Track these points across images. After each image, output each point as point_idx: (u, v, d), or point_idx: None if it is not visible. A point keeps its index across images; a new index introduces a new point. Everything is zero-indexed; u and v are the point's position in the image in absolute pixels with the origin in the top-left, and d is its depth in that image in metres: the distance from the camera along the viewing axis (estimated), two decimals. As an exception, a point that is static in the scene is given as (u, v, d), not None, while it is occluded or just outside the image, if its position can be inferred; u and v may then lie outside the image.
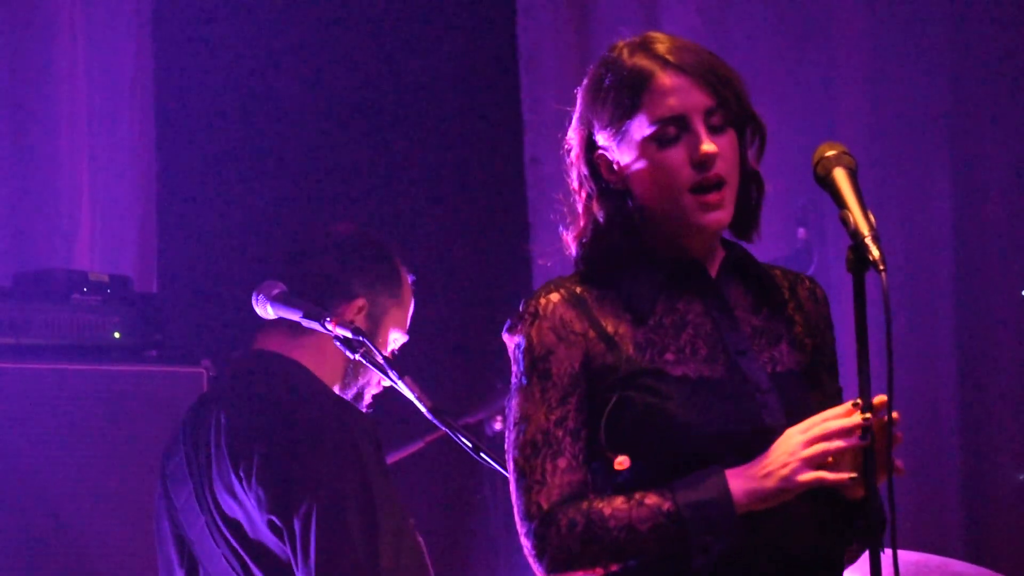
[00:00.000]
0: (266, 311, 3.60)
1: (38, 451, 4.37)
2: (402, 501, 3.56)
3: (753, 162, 2.77)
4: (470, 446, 3.35)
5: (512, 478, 2.68)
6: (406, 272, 3.85)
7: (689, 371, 2.67)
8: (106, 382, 4.48)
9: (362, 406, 3.78)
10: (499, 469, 3.33)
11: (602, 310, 2.71)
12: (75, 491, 4.39)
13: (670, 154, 2.69)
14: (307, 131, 5.69)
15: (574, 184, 2.80)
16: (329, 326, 3.48)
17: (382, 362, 3.47)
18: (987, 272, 5.81)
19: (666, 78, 2.68)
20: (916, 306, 5.76)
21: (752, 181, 2.77)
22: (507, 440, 2.70)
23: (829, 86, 5.85)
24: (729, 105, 2.70)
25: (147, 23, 5.23)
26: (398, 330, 3.82)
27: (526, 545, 2.65)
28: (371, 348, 3.46)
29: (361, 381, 3.77)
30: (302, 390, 3.64)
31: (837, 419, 2.59)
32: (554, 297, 2.71)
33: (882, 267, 2.52)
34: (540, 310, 2.70)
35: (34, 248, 4.96)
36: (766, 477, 2.59)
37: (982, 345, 5.81)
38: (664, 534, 2.59)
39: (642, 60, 2.71)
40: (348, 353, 3.47)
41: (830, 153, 2.66)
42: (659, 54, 2.70)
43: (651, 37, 2.74)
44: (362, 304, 3.74)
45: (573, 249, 2.79)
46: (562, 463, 2.65)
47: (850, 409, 2.58)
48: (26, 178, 4.99)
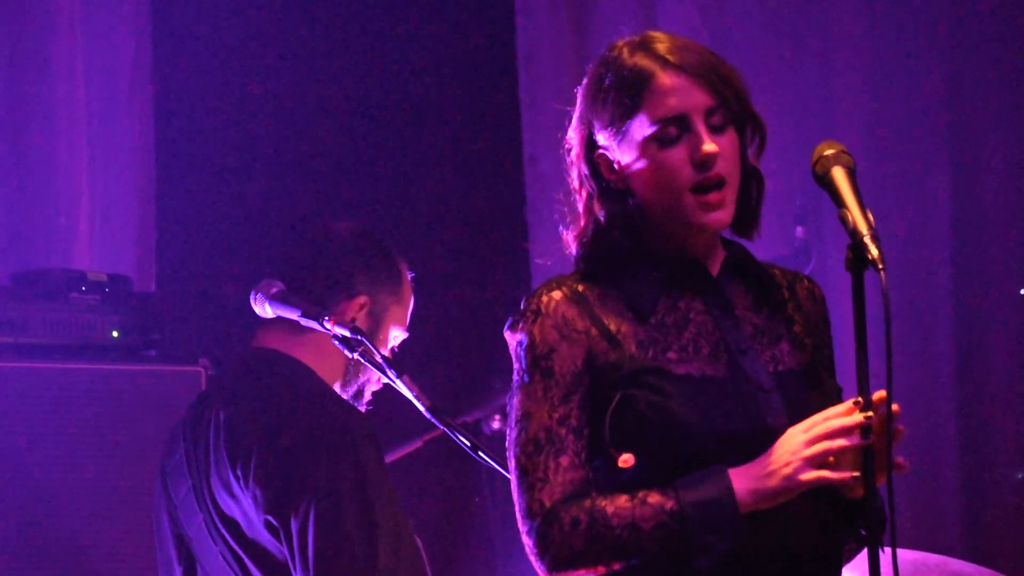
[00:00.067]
0: (264, 310, 3.60)
1: (36, 450, 4.37)
2: (401, 500, 3.56)
3: (753, 160, 2.77)
4: (468, 445, 3.34)
5: (514, 476, 2.67)
6: (406, 269, 3.85)
7: (692, 370, 2.67)
8: (104, 381, 4.47)
9: (362, 403, 3.78)
10: (497, 468, 3.34)
11: (604, 308, 2.71)
12: (73, 490, 4.39)
13: (671, 154, 2.68)
14: (306, 131, 5.69)
15: (574, 183, 2.79)
16: (327, 325, 3.48)
17: (380, 361, 3.47)
18: (985, 271, 5.81)
19: (666, 78, 2.68)
20: (914, 305, 5.76)
21: (752, 179, 2.77)
22: (508, 438, 2.69)
23: (828, 85, 5.85)
24: (730, 104, 2.70)
25: (146, 23, 5.23)
26: (398, 327, 3.82)
27: (528, 543, 2.64)
28: (369, 347, 3.46)
29: (361, 379, 3.77)
30: (302, 389, 3.64)
31: (838, 418, 2.59)
32: (556, 295, 2.71)
33: (881, 266, 2.52)
34: (542, 308, 2.70)
35: (33, 247, 4.96)
36: (769, 476, 2.59)
37: (980, 344, 5.81)
38: (667, 533, 2.58)
39: (642, 60, 2.71)
40: (346, 352, 3.47)
41: (829, 152, 2.66)
42: (659, 53, 2.70)
43: (651, 36, 2.74)
44: (363, 301, 3.74)
45: (574, 248, 2.78)
46: (564, 461, 2.65)
47: (851, 408, 2.58)
48: (25, 178, 4.99)
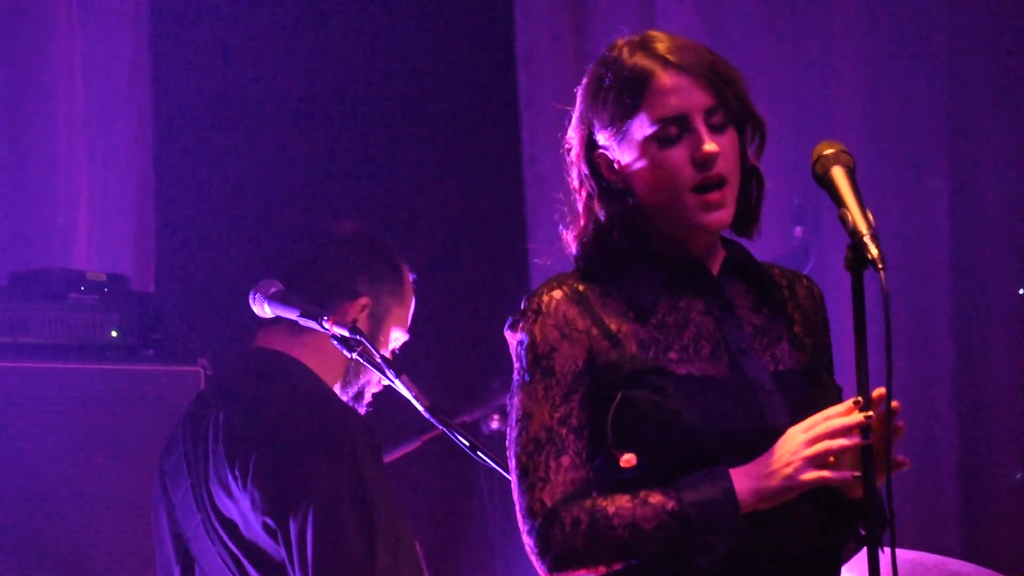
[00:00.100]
0: (263, 310, 3.60)
1: (35, 450, 4.37)
2: (399, 500, 3.56)
3: (753, 160, 2.76)
4: (467, 445, 3.34)
5: (514, 476, 2.67)
6: (408, 271, 3.85)
7: (694, 369, 2.67)
8: (103, 381, 4.47)
9: (363, 404, 3.78)
10: (496, 468, 3.33)
11: (605, 308, 2.70)
12: (72, 489, 4.39)
13: (671, 154, 2.68)
14: (305, 130, 5.69)
15: (574, 183, 2.79)
16: (326, 324, 3.47)
17: (380, 361, 3.47)
18: (984, 271, 5.81)
19: (667, 78, 2.68)
20: (913, 305, 5.76)
21: (752, 179, 2.76)
22: (509, 437, 2.69)
23: (826, 84, 5.85)
24: (730, 104, 2.70)
25: (145, 22, 5.23)
26: (399, 328, 3.81)
27: (528, 543, 2.64)
28: (368, 347, 3.46)
29: (362, 380, 3.76)
30: (301, 390, 3.64)
31: (838, 417, 2.58)
32: (557, 294, 2.71)
33: (881, 266, 2.52)
34: (543, 307, 2.69)
35: (31, 247, 4.96)
36: (770, 476, 2.59)
37: (979, 344, 5.81)
38: (668, 533, 2.58)
39: (642, 59, 2.70)
40: (345, 352, 3.47)
41: (828, 151, 2.66)
42: (659, 53, 2.70)
43: (651, 36, 2.73)
44: (365, 303, 3.74)
45: (574, 248, 2.78)
46: (565, 461, 2.64)
47: (851, 407, 2.58)
48: (23, 177, 4.99)
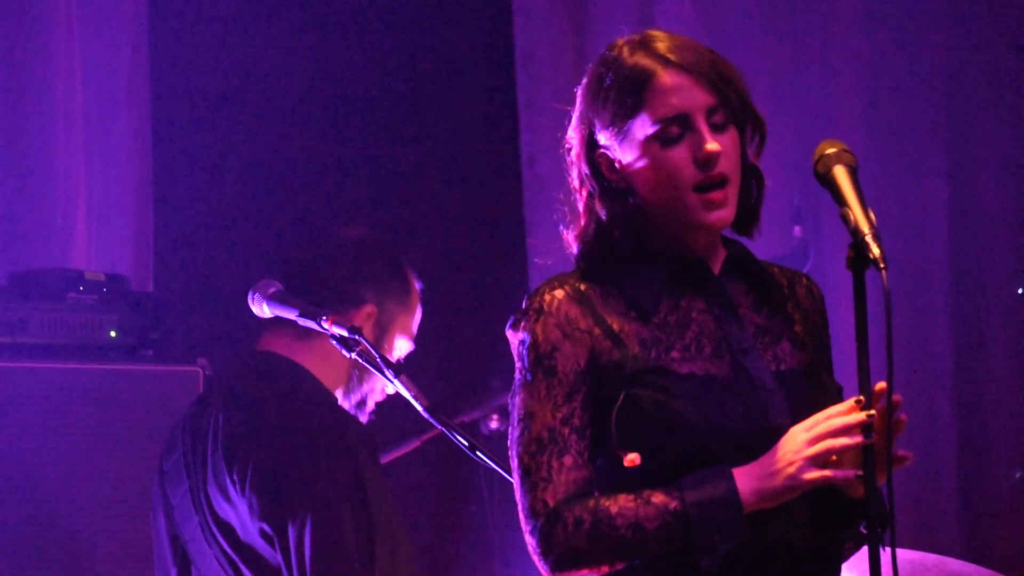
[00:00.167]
0: (262, 310, 3.59)
1: (34, 450, 4.36)
2: (397, 505, 3.55)
3: (753, 159, 2.76)
4: (466, 445, 3.34)
5: (516, 475, 2.66)
6: (415, 279, 3.83)
7: (696, 369, 2.66)
8: (102, 381, 4.47)
9: (365, 414, 3.76)
10: (495, 468, 3.33)
11: (606, 307, 2.70)
12: (71, 489, 4.38)
13: (673, 153, 2.68)
14: (304, 130, 5.68)
15: (575, 183, 2.79)
16: (325, 324, 3.46)
17: (379, 361, 3.46)
18: (984, 271, 5.81)
19: (667, 77, 2.68)
20: (912, 304, 5.76)
21: (753, 178, 2.76)
22: (511, 437, 2.68)
23: (826, 85, 5.85)
24: (730, 103, 2.70)
25: (144, 21, 5.22)
26: (404, 337, 3.80)
27: (531, 543, 2.63)
28: (368, 347, 3.45)
29: (365, 388, 3.75)
30: (302, 395, 3.63)
31: (840, 416, 2.58)
32: (559, 293, 2.70)
33: (883, 265, 2.52)
34: (545, 306, 2.69)
35: (30, 247, 4.95)
36: (772, 476, 2.58)
37: (979, 343, 5.81)
38: (671, 533, 2.58)
39: (643, 59, 2.70)
40: (344, 352, 3.46)
41: (830, 151, 2.66)
42: (660, 53, 2.70)
43: (651, 35, 2.73)
44: (371, 311, 3.73)
45: (574, 248, 2.77)
46: (568, 460, 2.64)
47: (852, 406, 2.58)
48: (22, 177, 4.98)
